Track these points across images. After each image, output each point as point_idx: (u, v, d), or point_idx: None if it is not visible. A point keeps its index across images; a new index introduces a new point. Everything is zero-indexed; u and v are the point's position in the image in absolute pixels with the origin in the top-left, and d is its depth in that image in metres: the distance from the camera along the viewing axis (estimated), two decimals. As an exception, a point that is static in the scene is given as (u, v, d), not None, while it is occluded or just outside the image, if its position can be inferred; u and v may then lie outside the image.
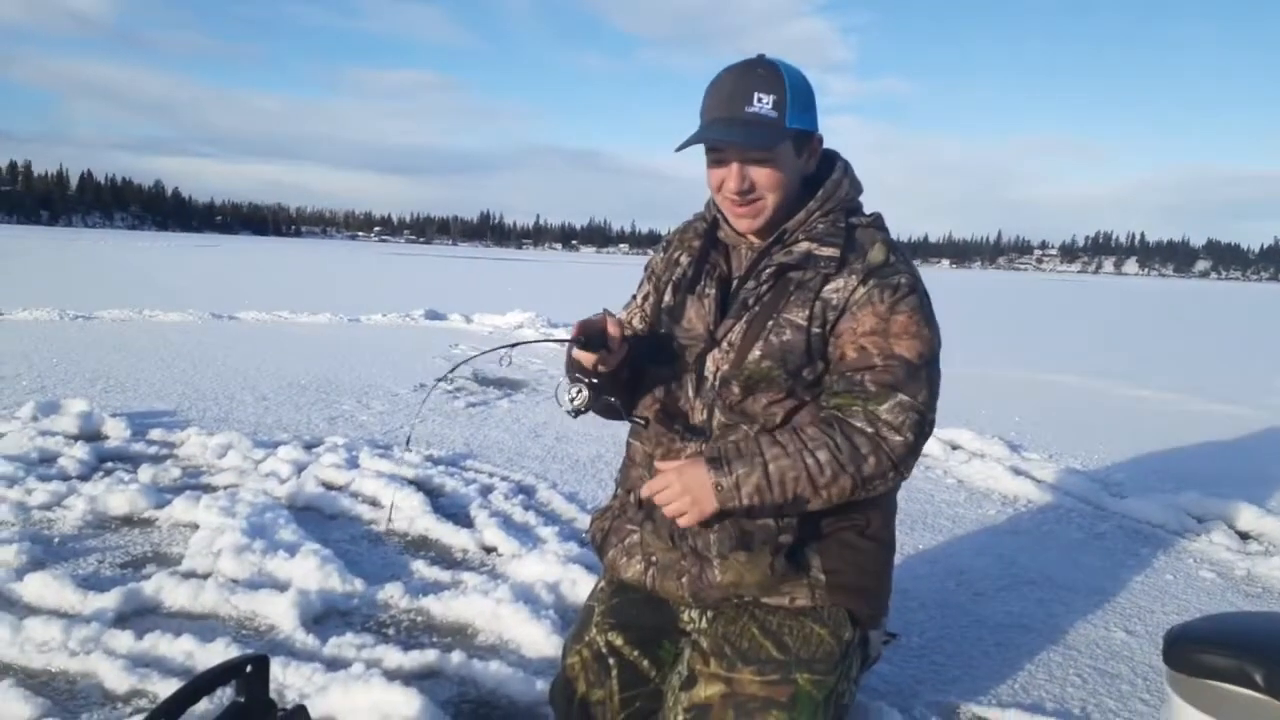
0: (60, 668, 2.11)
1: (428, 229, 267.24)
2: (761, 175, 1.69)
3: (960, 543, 3.42)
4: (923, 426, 1.63)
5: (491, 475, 3.98)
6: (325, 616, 2.48)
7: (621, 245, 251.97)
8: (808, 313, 1.68)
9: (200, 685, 1.45)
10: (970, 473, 4.46)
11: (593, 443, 4.71)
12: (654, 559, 1.79)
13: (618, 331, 1.73)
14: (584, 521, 3.38)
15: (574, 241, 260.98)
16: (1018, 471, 4.42)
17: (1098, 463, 4.87)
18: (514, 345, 2.02)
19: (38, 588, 2.49)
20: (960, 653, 2.42)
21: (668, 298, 1.88)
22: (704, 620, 1.78)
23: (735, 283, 1.80)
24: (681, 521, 1.66)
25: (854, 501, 1.70)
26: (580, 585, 2.65)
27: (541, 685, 2.08)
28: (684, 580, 1.74)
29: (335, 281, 21.36)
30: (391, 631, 2.42)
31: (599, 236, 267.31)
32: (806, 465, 1.59)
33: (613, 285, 24.97)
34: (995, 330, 15.35)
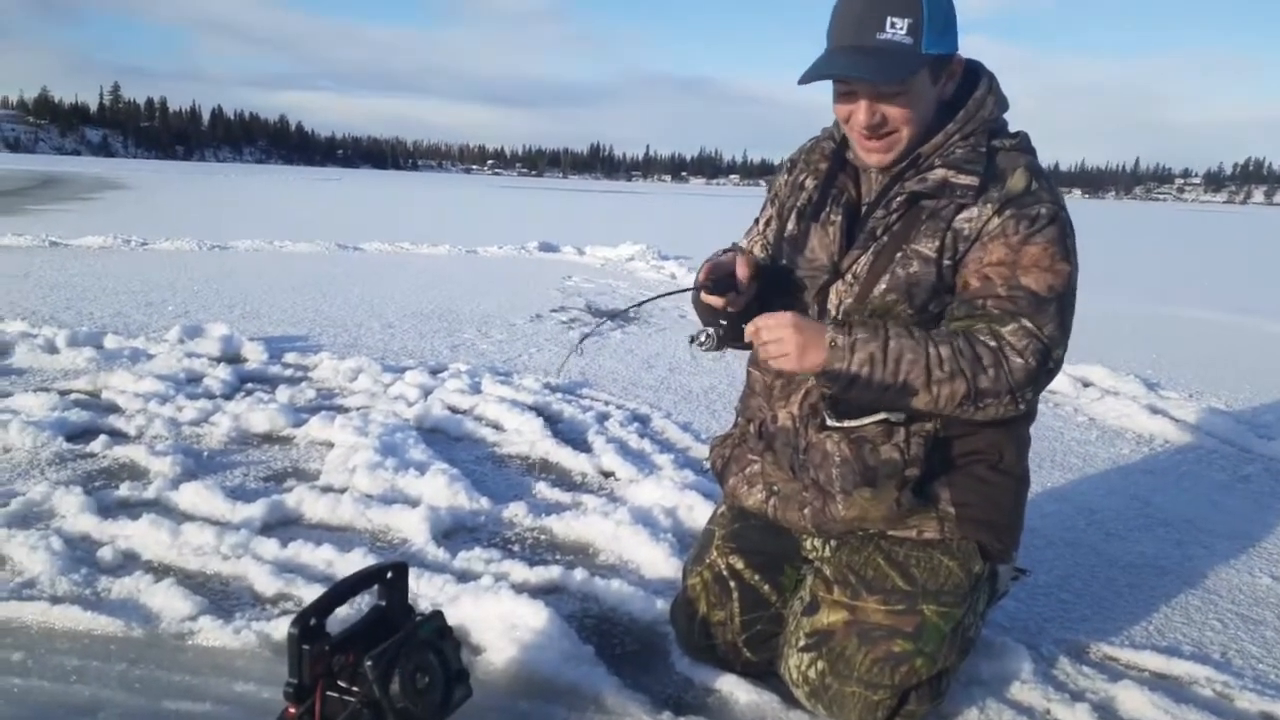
0: (214, 570, 2.26)
1: (539, 162, 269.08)
2: (895, 110, 1.58)
3: (1091, 481, 3.29)
4: (1046, 358, 1.55)
5: (607, 404, 4.03)
6: (454, 532, 2.58)
7: (732, 176, 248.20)
8: (938, 243, 1.59)
9: (346, 588, 1.54)
10: (1103, 410, 4.26)
11: (706, 375, 4.71)
12: (775, 489, 1.78)
13: (747, 273, 1.68)
14: (699, 451, 3.39)
15: (684, 173, 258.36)
16: (1154, 410, 4.20)
17: (1243, 403, 4.58)
18: (645, 301, 2.02)
19: (191, 496, 2.66)
20: (1090, 592, 2.34)
21: (791, 225, 1.81)
22: (827, 549, 1.77)
23: (864, 209, 1.71)
24: (777, 364, 1.59)
25: (984, 432, 1.65)
26: (697, 511, 2.67)
27: (661, 604, 2.11)
28: (806, 512, 1.72)
29: (452, 214, 21.81)
30: (516, 548, 2.50)
31: (709, 167, 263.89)
32: (928, 353, 1.53)
33: (723, 216, 24.67)
34: (1132, 264, 14.51)
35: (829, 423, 1.69)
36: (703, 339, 1.66)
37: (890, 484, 1.63)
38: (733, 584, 1.83)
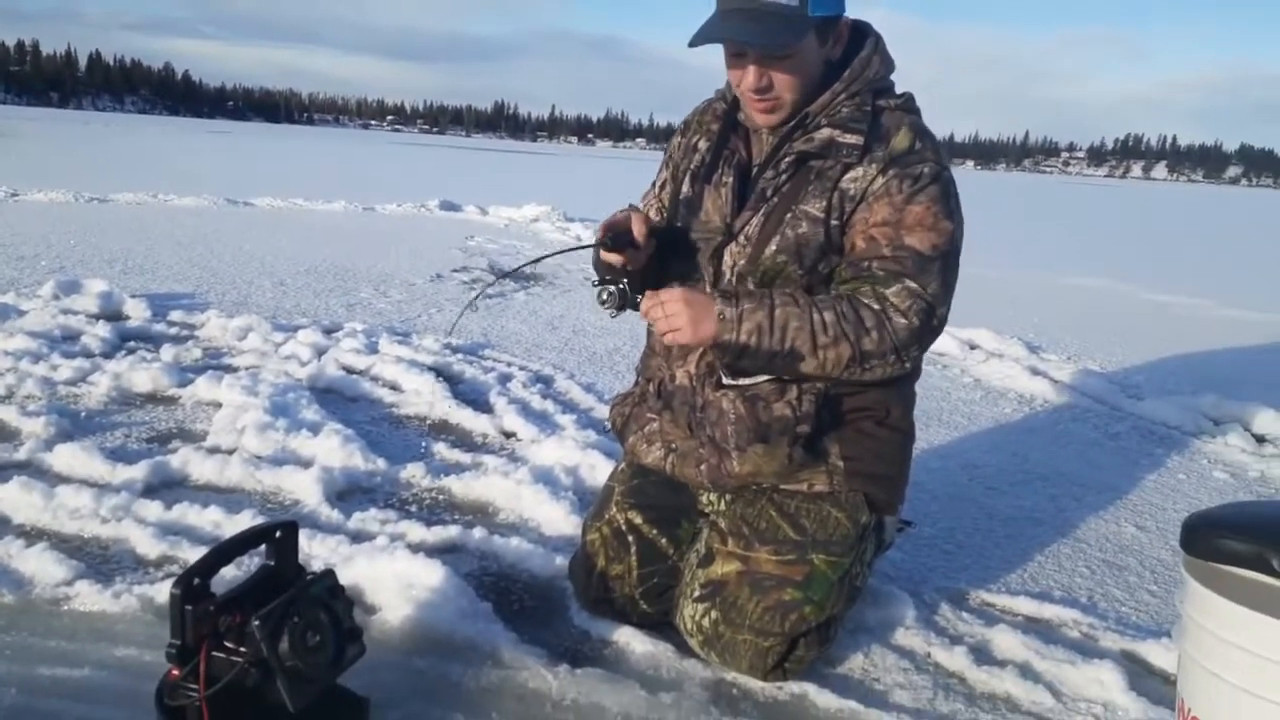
0: (93, 534, 2.17)
1: (441, 119, 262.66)
2: (782, 74, 1.61)
3: (975, 439, 3.44)
4: (930, 317, 1.59)
5: (509, 365, 4.00)
6: (349, 493, 2.53)
7: (639, 140, 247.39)
8: (825, 204, 1.63)
9: (231, 547, 1.49)
10: (987, 371, 4.45)
11: (610, 335, 4.71)
12: (674, 446, 1.82)
13: (643, 229, 1.69)
14: (602, 411, 3.40)
15: (590, 135, 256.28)
16: (1035, 371, 4.41)
17: (1116, 365, 4.85)
18: (541, 258, 2.04)
19: (67, 458, 2.54)
20: (971, 543, 2.46)
21: (685, 188, 1.83)
22: (722, 502, 1.81)
23: (755, 171, 1.74)
24: (670, 339, 1.64)
25: (872, 390, 1.70)
26: (599, 470, 2.68)
27: (561, 560, 2.12)
28: (703, 468, 1.76)
29: (349, 169, 21.13)
30: (414, 508, 2.47)
31: (616, 130, 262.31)
32: (811, 320, 1.57)
33: (628, 178, 24.56)
34: (1017, 232, 15.11)
35: (724, 382, 1.73)
36: (604, 297, 1.68)
37: (782, 440, 1.67)
38: (630, 538, 1.85)
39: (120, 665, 1.66)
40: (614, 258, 1.69)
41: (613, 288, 1.68)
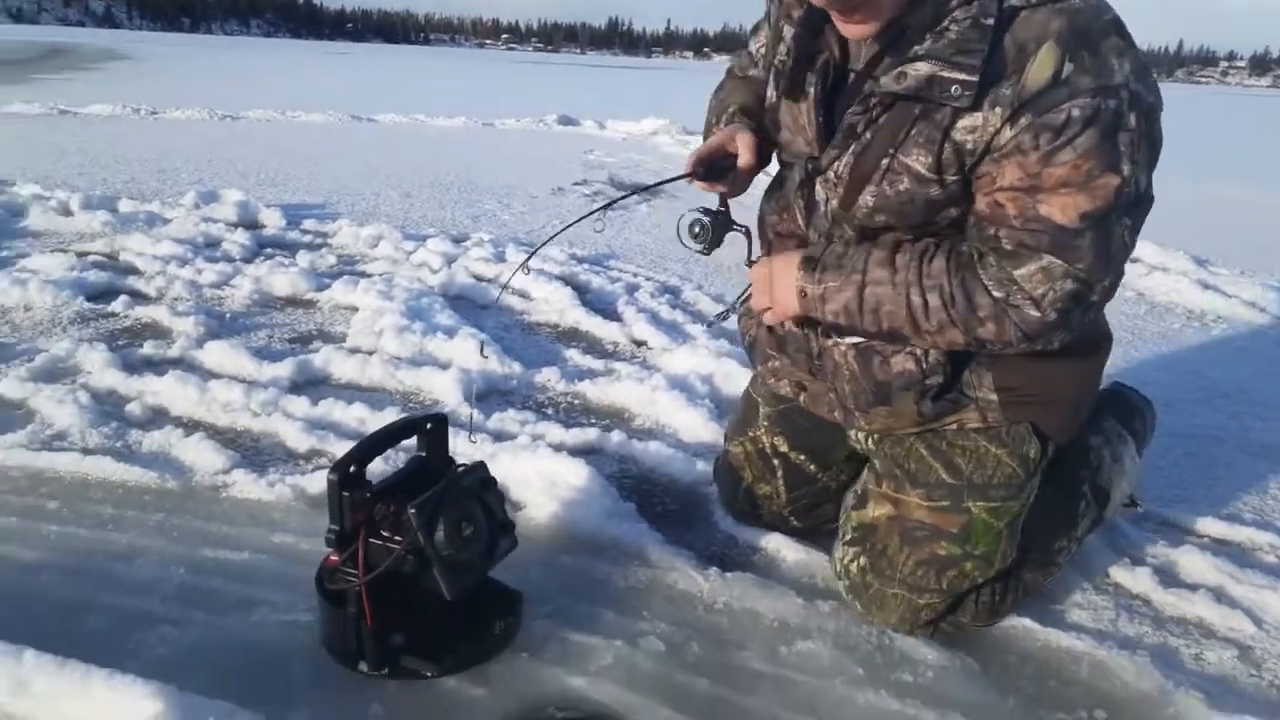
0: (244, 426, 2.22)
1: (555, 37, 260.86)
2: None
3: (1143, 356, 3.19)
4: (1082, 298, 1.24)
5: (635, 275, 3.92)
6: (487, 394, 2.52)
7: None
8: (933, 159, 1.25)
9: (384, 437, 1.47)
10: (1151, 285, 4.13)
11: (739, 247, 4.57)
12: (803, 385, 1.61)
13: (750, 154, 1.44)
14: (731, 322, 3.28)
15: (706, 49, 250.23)
16: (1205, 285, 4.06)
17: (1294, 280, 4.43)
18: (627, 195, 1.82)
19: (217, 355, 2.60)
20: (1148, 463, 2.26)
21: (769, 90, 1.47)
22: (870, 441, 1.57)
23: (849, 81, 1.36)
24: (765, 319, 1.48)
25: None
26: (734, 379, 2.59)
27: (703, 466, 2.06)
28: (836, 414, 1.55)
29: (467, 86, 21.19)
30: (550, 411, 2.44)
31: (733, 42, 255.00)
32: (910, 303, 1.29)
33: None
34: (1176, 145, 13.99)
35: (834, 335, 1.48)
36: (696, 229, 1.46)
37: (907, 396, 1.42)
38: (776, 462, 1.73)
39: (277, 551, 1.69)
40: (713, 188, 1.48)
41: (704, 218, 1.45)
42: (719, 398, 2.52)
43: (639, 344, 3.04)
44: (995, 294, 1.25)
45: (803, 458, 1.71)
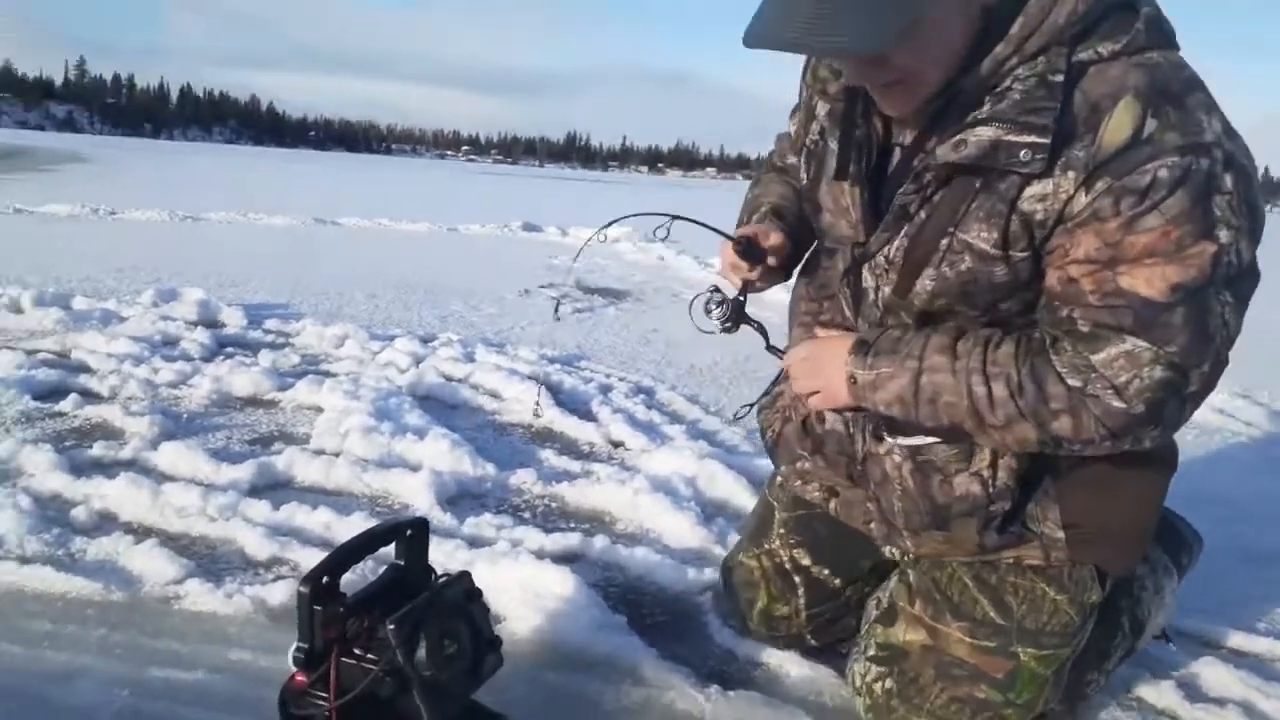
0: (200, 532, 2.07)
1: (514, 150, 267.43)
2: (902, 57, 1.09)
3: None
4: (1176, 387, 1.08)
5: (608, 375, 3.85)
6: (459, 498, 2.39)
7: (709, 169, 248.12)
8: (998, 235, 1.13)
9: (360, 545, 1.35)
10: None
11: (709, 348, 4.53)
12: (835, 491, 1.47)
13: (781, 249, 1.38)
14: (710, 423, 3.23)
15: (660, 164, 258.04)
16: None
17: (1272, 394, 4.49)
18: (676, 218, 1.56)
19: (172, 457, 2.45)
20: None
21: (803, 169, 1.38)
22: (907, 554, 1.43)
23: (895, 161, 1.25)
24: (810, 404, 1.35)
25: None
26: (719, 481, 2.51)
27: (692, 573, 1.96)
28: (872, 526, 1.41)
29: (431, 193, 21.47)
30: (528, 515, 2.32)
31: (685, 160, 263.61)
32: (972, 393, 1.15)
33: (704, 203, 24.48)
34: None
35: (886, 437, 1.32)
36: (712, 307, 1.40)
37: (969, 523, 1.27)
38: (797, 579, 1.58)
39: (234, 669, 1.54)
40: (742, 266, 1.39)
41: (723, 296, 1.40)
42: (704, 500, 2.42)
43: (616, 444, 2.95)
44: (1071, 382, 1.11)
45: (825, 571, 1.56)
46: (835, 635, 1.62)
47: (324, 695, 1.22)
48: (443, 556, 1.95)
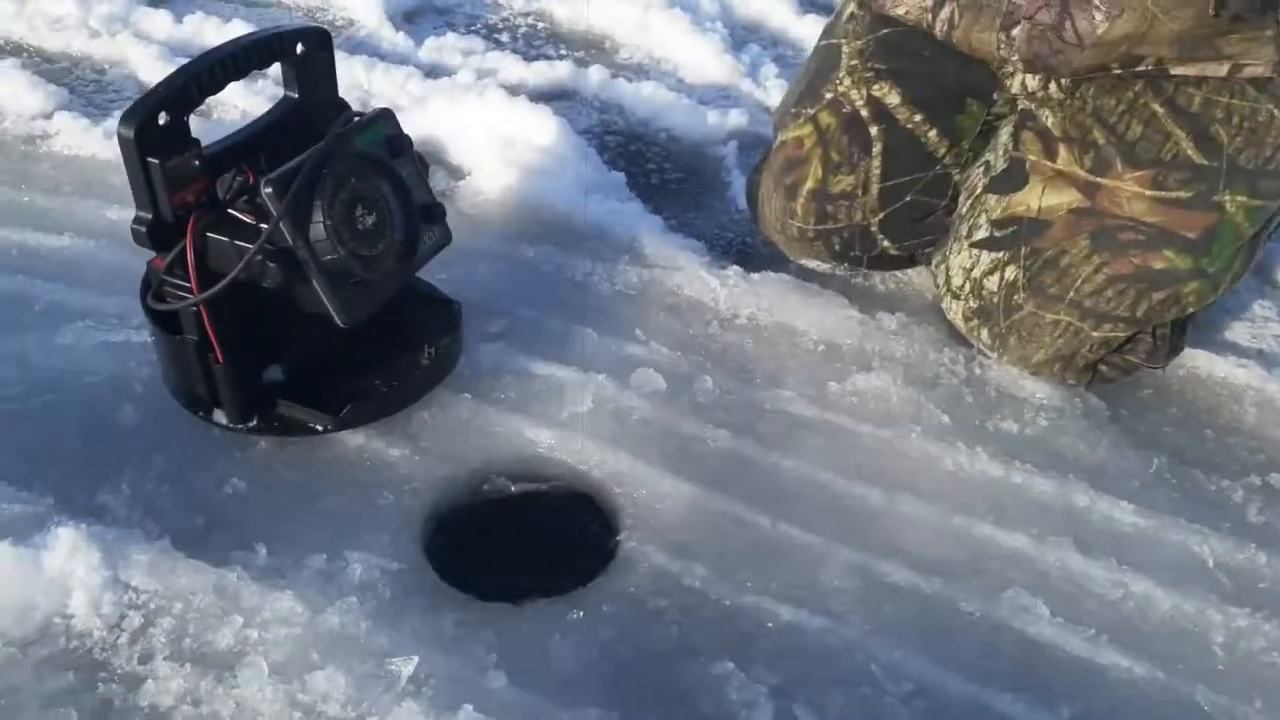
0: (80, 51, 1.66)
1: None
2: None
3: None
4: None
5: None
6: (418, 13, 1.90)
7: None
8: None
9: (219, 64, 0.90)
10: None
11: None
12: None
13: None
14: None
15: None
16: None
17: None
18: None
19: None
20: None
21: None
22: (1054, 85, 1.03)
23: None
24: None
25: None
26: (759, -4, 1.96)
27: (714, 118, 1.56)
28: (1016, 33, 0.96)
29: None
30: (505, 37, 1.84)
31: None
32: None
33: None
34: None
35: None
36: None
37: None
38: (874, 129, 1.09)
39: (111, 232, 1.21)
40: None
41: None
42: (734, 21, 1.92)
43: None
44: None
45: (919, 117, 1.09)
46: (918, 237, 1.17)
47: (185, 284, 0.87)
48: (391, 88, 1.54)
